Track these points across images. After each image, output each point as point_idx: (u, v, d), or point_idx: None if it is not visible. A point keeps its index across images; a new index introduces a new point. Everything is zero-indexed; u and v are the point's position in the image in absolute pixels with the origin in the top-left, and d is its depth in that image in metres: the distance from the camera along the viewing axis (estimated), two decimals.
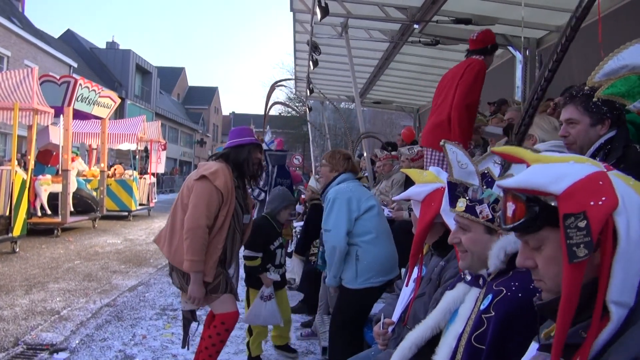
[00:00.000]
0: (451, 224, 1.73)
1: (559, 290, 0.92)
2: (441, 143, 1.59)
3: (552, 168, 0.92)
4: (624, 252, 0.85)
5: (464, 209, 1.47)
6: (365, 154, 7.31)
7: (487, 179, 1.47)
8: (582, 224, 0.84)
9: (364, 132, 7.35)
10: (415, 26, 6.56)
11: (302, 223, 5.99)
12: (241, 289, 3.93)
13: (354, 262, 3.10)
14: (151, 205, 15.44)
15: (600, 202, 0.85)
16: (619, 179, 0.90)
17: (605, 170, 0.92)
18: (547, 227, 0.94)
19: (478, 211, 1.44)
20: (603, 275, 0.86)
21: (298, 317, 4.92)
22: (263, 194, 5.37)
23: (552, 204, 0.92)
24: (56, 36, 31.42)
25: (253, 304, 3.64)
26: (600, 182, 0.88)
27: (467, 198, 1.47)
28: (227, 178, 2.94)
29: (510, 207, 0.97)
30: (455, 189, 1.51)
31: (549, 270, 0.96)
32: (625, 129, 1.96)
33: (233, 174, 3.01)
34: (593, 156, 1.98)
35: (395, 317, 2.07)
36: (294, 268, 6.07)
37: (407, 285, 2.12)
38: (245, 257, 3.63)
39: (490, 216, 1.42)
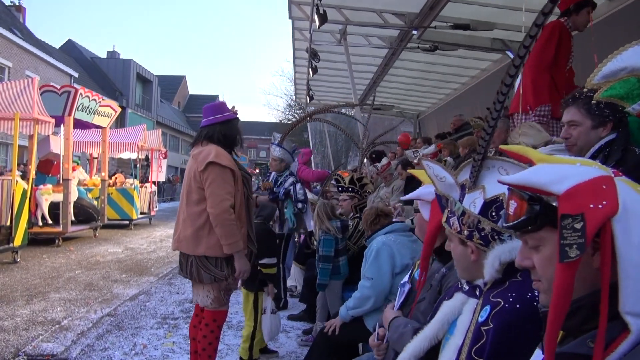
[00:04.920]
0: None
1: None
2: (416, 160, 1.64)
3: (557, 168, 0.91)
4: (628, 261, 0.83)
5: (444, 220, 1.52)
6: (366, 160, 7.30)
7: (465, 191, 1.49)
8: (578, 226, 0.83)
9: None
10: (414, 32, 6.59)
11: None
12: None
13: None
14: (152, 213, 15.42)
15: (600, 206, 0.83)
16: (626, 185, 0.89)
17: (612, 175, 0.91)
18: (547, 227, 0.93)
19: (451, 223, 1.48)
20: (604, 282, 0.84)
21: (300, 325, 4.90)
22: (304, 205, 5.04)
23: (554, 204, 0.91)
24: (57, 46, 31.57)
25: (267, 321, 3.67)
26: (604, 186, 0.87)
27: (447, 210, 1.51)
28: (228, 155, 3.03)
29: (512, 205, 0.97)
30: (441, 201, 1.56)
31: (546, 270, 0.95)
32: (626, 132, 1.95)
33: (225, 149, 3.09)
34: (592, 158, 1.97)
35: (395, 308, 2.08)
36: (294, 275, 6.06)
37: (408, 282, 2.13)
38: (264, 265, 3.68)
39: (459, 229, 1.44)
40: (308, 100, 11.38)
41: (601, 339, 0.84)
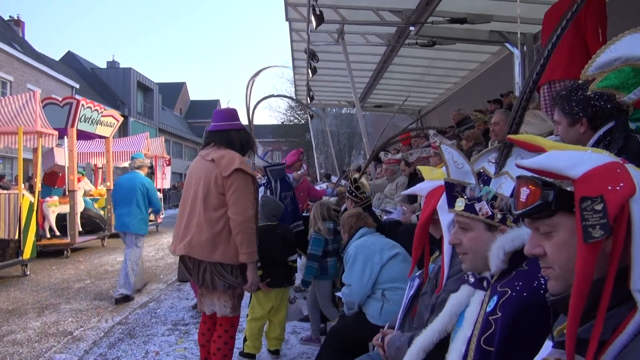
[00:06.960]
0: (444, 221, 1.75)
1: (567, 277, 0.92)
2: (437, 143, 1.62)
3: (570, 154, 0.93)
4: None
5: (463, 207, 1.46)
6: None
7: (483, 178, 1.48)
8: (598, 207, 0.84)
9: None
10: (411, 28, 6.58)
11: None
12: None
13: (379, 299, 3.05)
14: (159, 221, 15.50)
15: (618, 187, 0.85)
16: (636, 170, 0.91)
17: (622, 162, 0.93)
18: (560, 212, 0.94)
19: (477, 209, 1.44)
20: (613, 260, 0.86)
21: (309, 326, 4.90)
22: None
23: (568, 189, 0.92)
24: (57, 58, 31.75)
25: (293, 308, 4.13)
26: (618, 170, 0.89)
27: (465, 197, 1.47)
28: (247, 163, 3.02)
29: (524, 191, 0.97)
30: (453, 189, 1.51)
31: (559, 256, 0.96)
32: (625, 120, 1.95)
33: None
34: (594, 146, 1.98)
35: (399, 317, 2.10)
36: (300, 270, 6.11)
37: (409, 277, 2.16)
38: (292, 261, 3.96)
39: (490, 213, 1.42)
40: (308, 101, 11.37)
41: (602, 315, 0.85)
